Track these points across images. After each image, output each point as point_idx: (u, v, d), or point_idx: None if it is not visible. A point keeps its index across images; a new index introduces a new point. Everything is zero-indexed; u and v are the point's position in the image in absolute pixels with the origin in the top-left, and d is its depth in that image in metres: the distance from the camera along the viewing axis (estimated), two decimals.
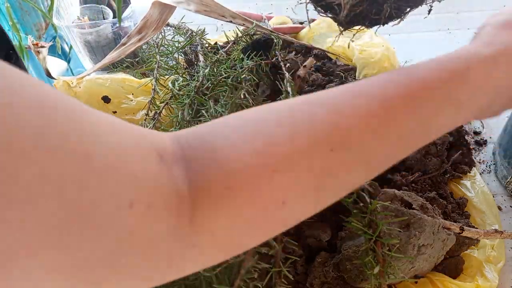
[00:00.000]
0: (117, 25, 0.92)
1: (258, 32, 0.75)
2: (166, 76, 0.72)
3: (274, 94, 0.65)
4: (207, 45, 0.77)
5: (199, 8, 0.77)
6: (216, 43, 0.77)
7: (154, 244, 0.21)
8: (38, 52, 0.76)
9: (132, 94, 0.77)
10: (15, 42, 0.84)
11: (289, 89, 0.60)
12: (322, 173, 0.26)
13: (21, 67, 0.56)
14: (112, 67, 0.88)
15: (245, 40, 0.73)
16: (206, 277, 0.42)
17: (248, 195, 0.24)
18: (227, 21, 0.79)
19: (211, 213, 0.24)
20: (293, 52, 0.87)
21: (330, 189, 0.27)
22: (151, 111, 0.66)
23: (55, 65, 0.99)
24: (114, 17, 0.96)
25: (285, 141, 0.25)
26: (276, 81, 0.61)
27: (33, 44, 0.77)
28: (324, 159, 0.26)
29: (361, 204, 0.50)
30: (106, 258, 0.19)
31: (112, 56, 0.78)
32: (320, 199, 0.27)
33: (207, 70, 0.63)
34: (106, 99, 0.76)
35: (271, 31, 0.77)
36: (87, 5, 0.97)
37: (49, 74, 0.75)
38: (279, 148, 0.25)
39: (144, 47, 0.88)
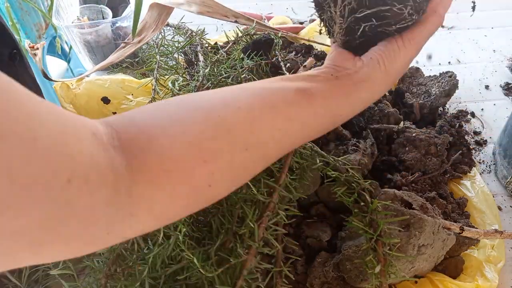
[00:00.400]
0: (117, 24, 0.92)
1: (258, 32, 0.75)
2: (166, 76, 0.72)
3: None
4: (207, 45, 0.77)
5: (202, 9, 0.77)
6: (216, 43, 0.77)
7: (92, 213, 0.25)
8: (35, 55, 0.76)
9: (132, 94, 0.77)
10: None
11: None
12: (238, 165, 0.33)
13: (26, 67, 0.56)
14: (112, 68, 0.88)
15: (245, 40, 0.73)
16: (208, 277, 0.42)
17: (183, 177, 0.30)
18: (231, 21, 0.79)
19: (149, 189, 0.29)
20: (293, 52, 0.87)
21: (242, 177, 0.35)
22: None
23: (55, 65, 0.99)
24: (113, 16, 0.96)
25: (213, 138, 0.31)
26: None
27: (30, 47, 0.77)
28: (241, 155, 0.33)
29: (362, 204, 0.50)
30: (46, 224, 0.22)
31: (111, 58, 0.78)
32: (234, 184, 0.35)
33: (207, 70, 0.63)
34: (105, 100, 0.76)
35: (273, 29, 0.77)
36: (87, 5, 0.97)
37: (45, 75, 0.74)
38: (209, 143, 0.31)
39: (144, 47, 0.88)
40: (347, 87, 0.39)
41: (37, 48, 0.77)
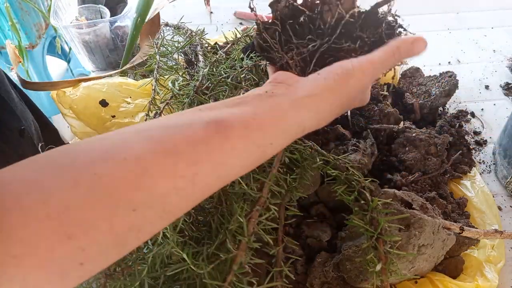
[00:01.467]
0: (115, 24, 0.92)
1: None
2: (166, 76, 0.72)
3: None
4: (206, 45, 0.77)
5: None
6: (216, 43, 0.77)
7: None
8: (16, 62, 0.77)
9: (130, 97, 0.77)
10: (12, 43, 0.84)
11: None
12: (123, 230, 0.26)
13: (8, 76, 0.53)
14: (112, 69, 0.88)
15: (244, 41, 0.73)
16: (200, 274, 0.42)
17: (37, 261, 0.24)
18: None
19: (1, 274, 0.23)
20: None
21: (132, 243, 0.28)
22: (151, 112, 0.66)
23: (55, 65, 0.99)
24: (111, 16, 0.96)
25: (82, 205, 0.25)
26: None
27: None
28: (126, 218, 0.26)
29: (362, 202, 0.50)
30: None
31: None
32: (123, 251, 0.28)
33: (206, 70, 0.63)
34: (103, 103, 0.75)
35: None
36: (85, 5, 0.97)
37: (23, 84, 0.74)
38: (76, 213, 0.25)
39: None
40: (280, 109, 0.34)
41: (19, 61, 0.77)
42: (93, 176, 0.26)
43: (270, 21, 0.40)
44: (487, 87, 0.91)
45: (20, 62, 0.80)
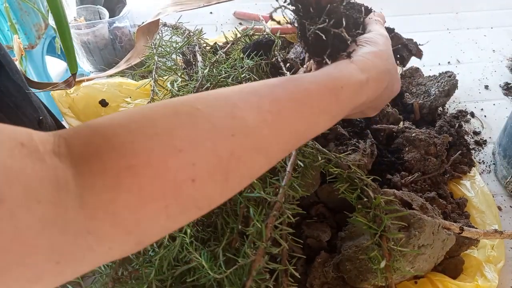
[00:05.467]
0: (114, 25, 0.92)
1: (257, 33, 0.75)
2: (165, 77, 0.72)
3: None
4: (205, 45, 0.77)
5: (176, 8, 0.78)
6: (215, 43, 0.77)
7: (24, 239, 0.20)
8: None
9: (130, 97, 0.77)
10: (6, 43, 0.84)
11: None
12: (226, 155, 0.28)
13: (8, 74, 0.53)
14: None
15: (244, 41, 0.73)
16: (216, 278, 0.42)
17: (153, 171, 0.24)
18: (204, 6, 0.80)
19: (108, 194, 0.23)
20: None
21: (235, 172, 0.29)
22: None
23: (55, 65, 0.99)
24: (110, 17, 0.96)
25: (187, 124, 0.27)
26: None
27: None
28: (227, 141, 0.28)
29: (365, 200, 0.50)
30: None
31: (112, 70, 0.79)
32: (228, 182, 0.29)
33: (206, 70, 0.63)
34: (103, 103, 0.75)
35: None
36: (83, 5, 0.97)
37: (29, 83, 0.75)
38: (181, 131, 0.26)
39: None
40: (342, 68, 0.38)
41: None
42: (191, 107, 0.28)
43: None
44: (486, 87, 0.91)
45: (23, 54, 0.79)
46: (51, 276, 0.22)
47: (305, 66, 0.67)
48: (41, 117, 0.59)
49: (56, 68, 1.01)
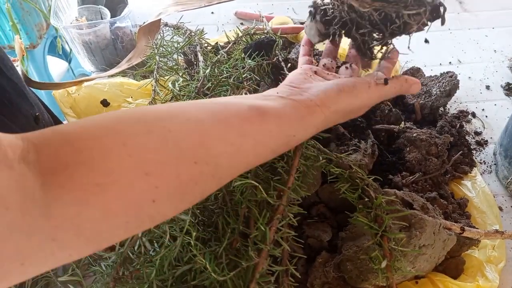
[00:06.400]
0: (115, 25, 0.92)
1: (258, 32, 0.75)
2: (166, 77, 0.72)
3: None
4: (206, 45, 0.77)
5: (177, 8, 0.78)
6: (217, 43, 0.77)
7: None
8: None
9: (131, 97, 0.77)
10: (7, 43, 0.84)
11: None
12: (187, 180, 0.30)
13: (4, 72, 0.53)
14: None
15: (245, 40, 0.73)
16: (219, 280, 0.42)
17: (119, 190, 0.26)
18: (205, 6, 0.81)
19: (74, 207, 0.25)
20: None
21: (190, 194, 0.32)
22: None
23: (56, 65, 0.99)
24: (111, 17, 0.96)
25: (157, 150, 0.29)
26: (279, 82, 0.61)
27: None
28: (189, 168, 0.30)
29: (366, 199, 0.50)
30: None
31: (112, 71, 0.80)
32: (182, 202, 0.32)
33: (208, 70, 0.63)
34: (105, 103, 0.76)
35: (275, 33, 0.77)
36: (85, 5, 0.97)
37: (27, 81, 0.75)
38: (152, 155, 0.28)
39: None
40: (299, 110, 0.39)
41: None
42: (163, 128, 0.30)
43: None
44: (488, 87, 0.91)
45: (24, 54, 0.80)
46: (15, 275, 0.24)
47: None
48: (37, 113, 0.58)
49: (57, 67, 1.01)
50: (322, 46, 0.89)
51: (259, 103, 0.37)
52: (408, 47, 0.46)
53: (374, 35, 0.46)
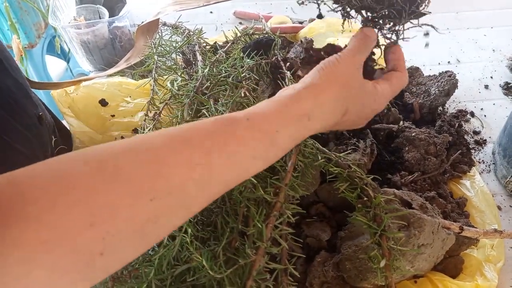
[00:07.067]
0: (114, 24, 0.92)
1: (257, 32, 0.75)
2: (165, 77, 0.72)
3: (274, 94, 0.65)
4: (204, 44, 0.77)
5: (176, 7, 0.78)
6: (215, 43, 0.77)
7: None
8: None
9: (130, 96, 0.77)
10: (6, 43, 0.84)
11: None
12: (142, 220, 0.28)
13: (8, 71, 0.53)
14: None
15: (244, 40, 0.73)
16: (216, 278, 0.42)
17: (64, 247, 0.25)
18: (204, 5, 0.81)
19: (25, 267, 0.24)
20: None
21: (151, 234, 0.29)
22: (150, 112, 0.66)
23: (55, 64, 0.99)
24: (110, 16, 0.96)
25: (105, 193, 0.26)
26: (278, 81, 0.61)
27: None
28: (145, 208, 0.28)
29: (365, 199, 0.50)
30: None
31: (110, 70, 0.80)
32: (144, 242, 0.30)
33: (206, 70, 0.63)
34: (103, 103, 0.75)
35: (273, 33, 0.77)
36: (83, 5, 0.97)
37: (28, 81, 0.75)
38: (99, 199, 0.26)
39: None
40: (280, 101, 0.37)
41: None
42: (113, 167, 0.27)
43: None
44: (486, 86, 0.91)
45: (22, 54, 0.80)
46: None
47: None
48: (41, 113, 0.59)
49: (56, 67, 1.01)
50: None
51: (225, 114, 0.35)
52: (403, 39, 0.46)
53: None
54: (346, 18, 0.46)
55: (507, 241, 0.63)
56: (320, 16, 0.49)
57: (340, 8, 0.45)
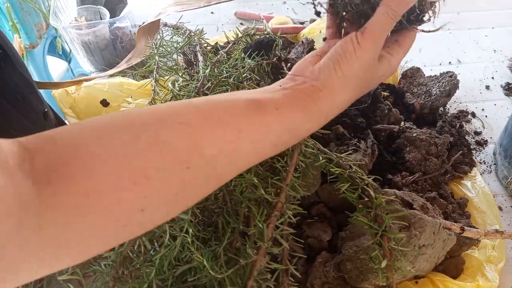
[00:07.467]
0: (115, 25, 0.92)
1: (258, 32, 0.75)
2: (166, 77, 0.72)
3: None
4: (205, 44, 0.77)
5: (177, 8, 0.78)
6: (216, 43, 0.77)
7: None
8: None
9: (131, 97, 0.77)
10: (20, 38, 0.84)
11: None
12: (179, 186, 0.30)
13: (15, 67, 0.54)
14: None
15: (245, 40, 0.73)
16: (217, 278, 0.42)
17: (108, 201, 0.26)
18: (205, 6, 0.81)
19: (65, 218, 0.25)
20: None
21: (186, 199, 0.32)
22: None
23: (56, 65, 0.99)
24: (111, 17, 0.96)
25: (145, 157, 0.28)
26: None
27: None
28: (182, 175, 0.30)
29: (366, 199, 0.50)
30: None
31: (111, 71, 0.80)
32: (177, 207, 0.32)
33: (207, 70, 0.63)
34: (104, 103, 0.76)
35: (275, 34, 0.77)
36: (84, 6, 0.97)
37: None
38: (140, 162, 0.28)
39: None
40: (301, 100, 0.37)
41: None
42: (152, 134, 0.29)
43: None
44: (487, 87, 0.91)
45: (23, 54, 0.80)
46: (10, 284, 0.24)
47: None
48: (46, 109, 0.59)
49: (57, 68, 1.01)
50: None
51: (256, 96, 0.35)
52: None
53: None
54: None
55: (508, 242, 0.63)
56: (318, 14, 0.48)
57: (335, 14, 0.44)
